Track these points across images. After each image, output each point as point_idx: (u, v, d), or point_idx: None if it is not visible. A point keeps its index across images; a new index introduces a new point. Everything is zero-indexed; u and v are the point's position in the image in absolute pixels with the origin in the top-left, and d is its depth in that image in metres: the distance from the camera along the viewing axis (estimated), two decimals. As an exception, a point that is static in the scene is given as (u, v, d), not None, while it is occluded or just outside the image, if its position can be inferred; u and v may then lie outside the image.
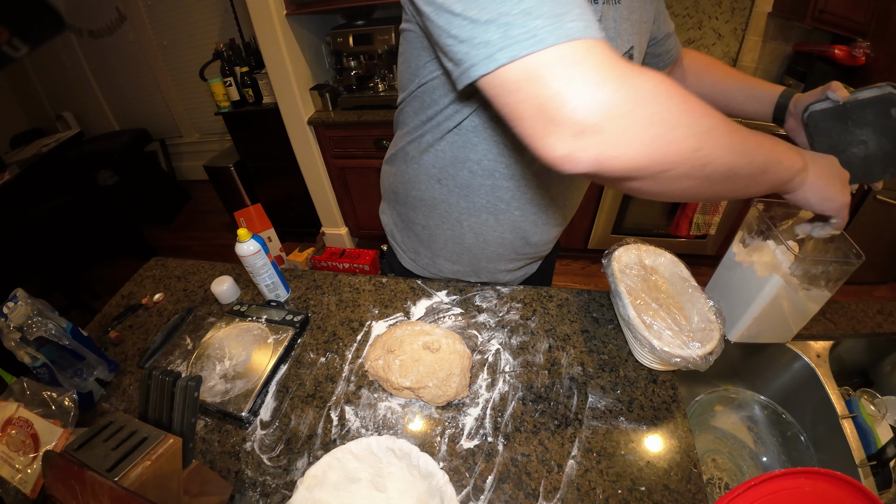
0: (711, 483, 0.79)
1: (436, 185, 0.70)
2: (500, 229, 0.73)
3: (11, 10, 0.35)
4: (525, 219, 0.72)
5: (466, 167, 0.66)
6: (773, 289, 0.66)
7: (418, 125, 0.66)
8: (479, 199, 0.69)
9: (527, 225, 0.73)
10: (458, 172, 0.67)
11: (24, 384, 0.63)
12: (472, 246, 0.77)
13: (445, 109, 0.61)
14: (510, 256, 0.80)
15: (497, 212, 0.70)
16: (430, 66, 0.57)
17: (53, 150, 2.24)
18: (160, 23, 2.85)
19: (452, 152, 0.65)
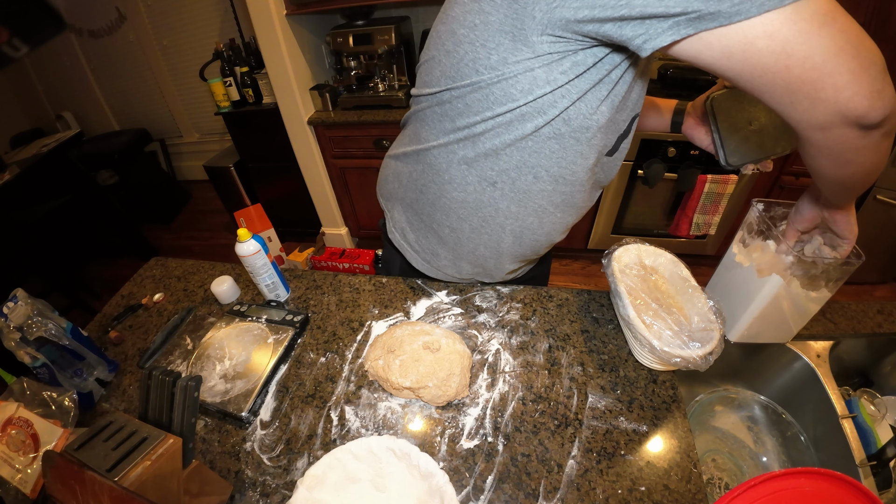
0: (711, 483, 0.79)
1: (488, 189, 0.65)
2: (540, 231, 0.71)
3: (11, 9, 0.35)
4: (562, 220, 0.71)
5: (532, 172, 0.62)
6: (773, 289, 0.66)
7: (473, 124, 0.59)
8: (532, 203, 0.66)
9: (558, 226, 0.72)
10: (521, 177, 0.62)
11: (24, 384, 0.63)
12: (506, 249, 0.74)
13: (524, 108, 0.55)
14: (531, 257, 0.80)
15: (544, 214, 0.68)
16: (521, 63, 0.51)
17: (53, 150, 2.24)
18: (160, 23, 2.85)
19: (520, 157, 0.60)
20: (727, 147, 0.65)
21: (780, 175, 1.97)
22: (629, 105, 0.59)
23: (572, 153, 0.60)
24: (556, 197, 0.65)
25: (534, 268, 0.92)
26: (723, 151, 0.66)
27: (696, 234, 2.11)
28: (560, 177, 0.62)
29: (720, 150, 0.66)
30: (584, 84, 0.52)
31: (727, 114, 0.66)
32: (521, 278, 0.91)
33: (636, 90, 0.58)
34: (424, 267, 0.84)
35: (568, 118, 0.55)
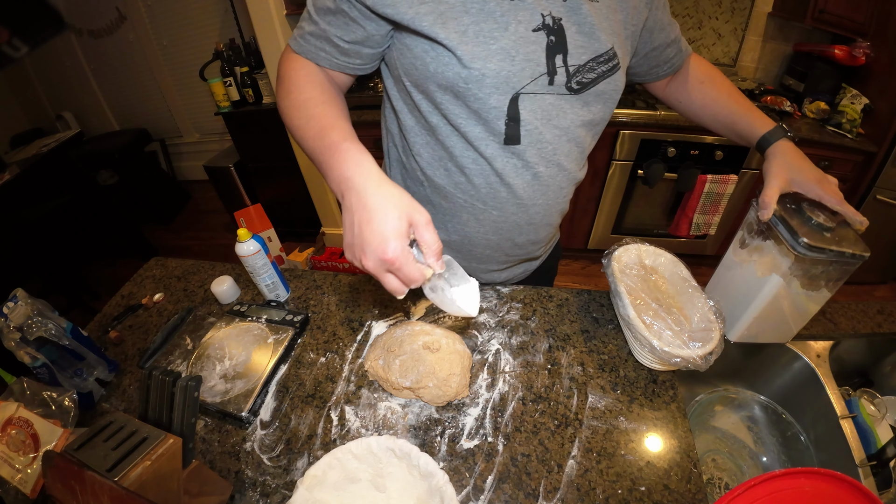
0: (711, 483, 0.79)
1: (417, 188, 0.73)
2: (483, 230, 0.72)
3: (11, 10, 0.35)
4: (505, 219, 0.71)
5: (442, 165, 0.67)
6: (772, 289, 0.66)
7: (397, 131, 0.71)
8: (458, 199, 0.69)
9: (508, 226, 0.72)
10: (436, 172, 0.68)
11: (24, 384, 0.63)
12: (459, 247, 0.77)
13: (414, 106, 0.64)
14: (500, 258, 0.80)
15: (475, 211, 0.70)
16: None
17: (53, 150, 2.24)
18: (160, 23, 2.85)
19: (429, 153, 0.67)
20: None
21: (780, 175, 1.97)
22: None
23: (459, 139, 0.64)
24: (475, 191, 0.68)
25: (535, 268, 0.91)
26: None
27: (696, 234, 2.11)
28: (464, 167, 0.66)
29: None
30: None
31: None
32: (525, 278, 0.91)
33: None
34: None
35: (444, 107, 0.62)
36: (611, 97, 0.65)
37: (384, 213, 0.44)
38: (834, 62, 1.93)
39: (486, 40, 0.54)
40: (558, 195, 0.71)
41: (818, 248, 0.59)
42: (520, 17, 0.55)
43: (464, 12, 0.53)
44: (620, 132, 1.88)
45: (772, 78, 2.27)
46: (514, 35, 0.54)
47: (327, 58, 0.61)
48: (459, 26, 0.53)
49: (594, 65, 0.60)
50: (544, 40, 0.56)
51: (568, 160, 0.67)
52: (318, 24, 0.59)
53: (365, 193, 0.46)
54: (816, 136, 1.84)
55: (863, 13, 1.80)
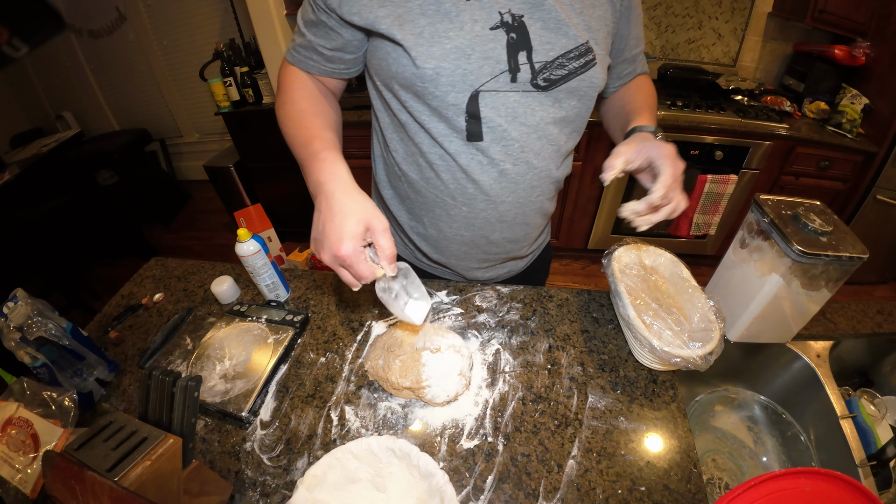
0: (711, 483, 0.79)
1: (397, 183, 0.75)
2: (455, 225, 0.73)
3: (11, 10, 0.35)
4: (475, 216, 0.71)
5: (414, 161, 0.69)
6: (772, 288, 0.67)
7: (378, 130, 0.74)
8: (430, 194, 0.70)
9: (479, 222, 0.72)
10: (410, 167, 0.70)
11: (24, 384, 0.63)
12: (436, 243, 0.78)
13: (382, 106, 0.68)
14: (479, 256, 0.79)
15: (446, 206, 0.71)
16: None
17: (53, 150, 2.24)
18: (160, 23, 2.85)
19: (403, 148, 0.69)
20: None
21: (780, 175, 1.97)
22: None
23: (426, 136, 0.67)
24: (444, 186, 0.70)
25: (521, 267, 0.90)
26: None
27: (696, 234, 2.11)
28: (433, 163, 0.68)
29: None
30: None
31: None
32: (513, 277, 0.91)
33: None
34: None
35: (410, 105, 0.66)
36: (587, 94, 0.64)
37: (344, 216, 0.51)
38: (834, 62, 1.93)
39: (441, 40, 0.55)
40: (530, 193, 0.70)
41: (813, 254, 0.59)
42: (476, 16, 0.55)
43: (420, 14, 0.55)
44: (620, 132, 1.88)
45: (772, 78, 2.27)
46: (469, 34, 0.55)
47: (316, 66, 0.68)
48: (416, 28, 0.55)
49: (564, 61, 0.59)
50: (504, 38, 0.56)
51: (539, 158, 0.66)
52: (305, 36, 0.65)
53: (333, 197, 0.52)
54: (816, 136, 1.84)
55: (863, 13, 1.80)
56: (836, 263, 0.61)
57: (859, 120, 1.85)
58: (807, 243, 0.60)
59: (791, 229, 0.63)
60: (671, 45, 2.24)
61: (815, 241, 0.61)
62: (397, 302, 0.59)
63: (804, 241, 0.61)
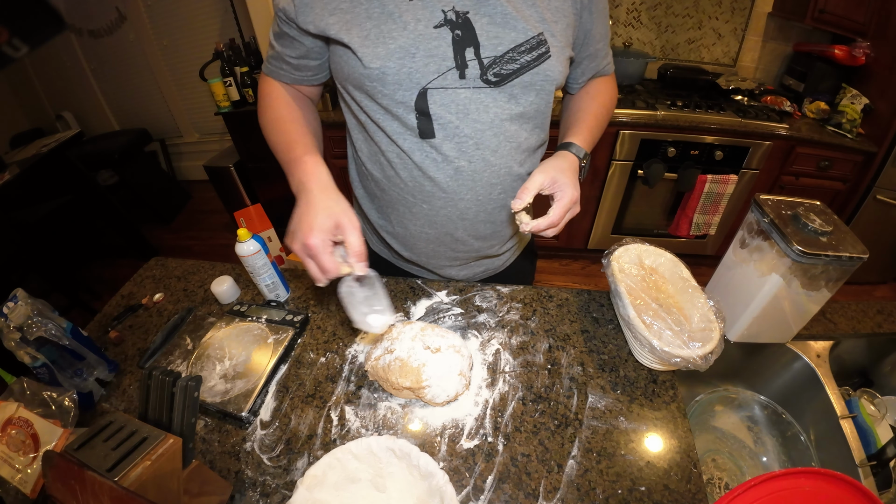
0: (711, 483, 0.79)
1: (365, 182, 0.78)
2: (419, 223, 0.73)
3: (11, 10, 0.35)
4: (436, 213, 0.71)
5: (376, 159, 0.71)
6: (772, 288, 0.67)
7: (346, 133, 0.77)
8: (392, 192, 0.72)
9: (440, 219, 0.72)
10: (373, 166, 0.72)
11: (24, 384, 0.63)
12: (404, 240, 0.79)
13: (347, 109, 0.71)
14: (447, 254, 0.79)
15: (408, 204, 0.72)
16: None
17: (53, 150, 2.24)
18: (160, 23, 2.85)
19: (367, 148, 0.72)
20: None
21: (780, 175, 1.97)
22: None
23: (383, 134, 0.69)
24: (403, 184, 0.71)
25: (500, 266, 0.90)
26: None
27: (696, 234, 2.11)
28: (391, 161, 0.70)
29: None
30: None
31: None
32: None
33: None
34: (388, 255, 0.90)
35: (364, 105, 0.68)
36: (543, 88, 0.63)
37: (317, 210, 0.55)
38: (834, 62, 1.93)
39: (386, 40, 0.57)
40: (490, 191, 0.70)
41: (813, 254, 0.60)
42: (419, 15, 0.56)
43: (367, 18, 0.57)
44: (620, 132, 1.88)
45: (772, 78, 2.27)
46: (412, 33, 0.56)
47: (286, 74, 0.72)
48: (363, 31, 0.57)
49: (514, 55, 0.59)
50: (449, 35, 0.56)
51: (496, 155, 0.66)
52: (274, 48, 0.69)
53: (310, 194, 0.57)
54: (816, 136, 1.84)
55: (863, 13, 1.80)
56: (836, 263, 0.61)
57: (859, 120, 1.85)
58: (807, 243, 0.60)
59: (791, 229, 0.63)
60: (671, 45, 2.24)
61: (815, 241, 0.61)
62: (358, 308, 0.60)
63: (804, 241, 0.61)
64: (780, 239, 0.63)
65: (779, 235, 0.63)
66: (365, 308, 0.60)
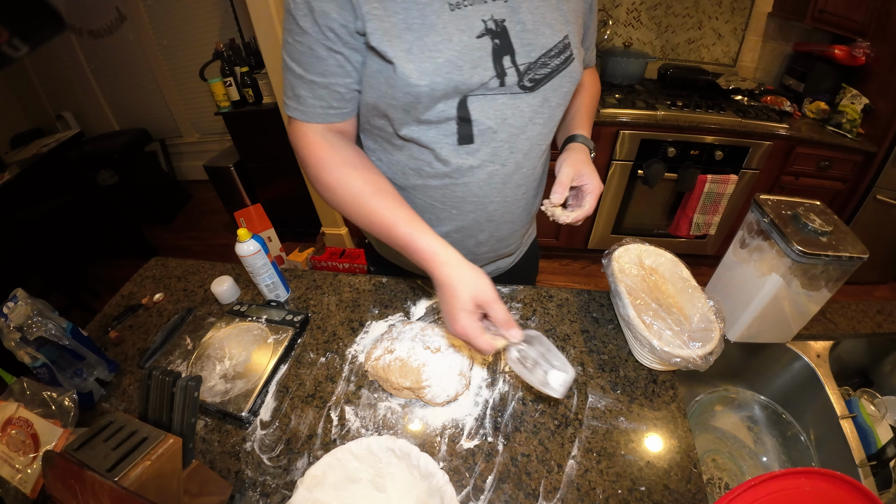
0: (711, 483, 0.79)
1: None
2: (444, 228, 0.72)
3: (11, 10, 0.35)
4: (464, 217, 0.71)
5: (400, 170, 0.68)
6: (772, 288, 0.66)
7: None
8: (418, 201, 0.70)
9: (468, 223, 0.72)
10: (395, 177, 0.69)
11: (24, 384, 0.63)
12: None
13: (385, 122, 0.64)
14: (466, 256, 0.78)
15: (436, 211, 0.71)
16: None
17: (53, 150, 2.24)
18: (160, 23, 2.85)
19: (386, 158, 0.69)
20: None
21: (780, 175, 1.97)
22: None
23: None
24: (420, 193, 0.71)
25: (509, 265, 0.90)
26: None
27: (696, 234, 2.11)
28: (420, 169, 0.68)
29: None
30: None
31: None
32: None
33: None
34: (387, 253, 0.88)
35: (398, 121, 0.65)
36: (569, 90, 0.65)
37: (454, 296, 0.54)
38: (834, 62, 1.93)
39: (432, 54, 0.53)
40: (516, 192, 0.71)
41: (813, 254, 0.60)
42: (461, 25, 0.53)
43: (406, 29, 0.52)
44: (620, 132, 1.88)
45: (772, 78, 2.27)
46: (458, 45, 0.54)
47: (336, 111, 0.61)
48: (403, 44, 0.53)
49: (546, 60, 0.60)
50: (489, 45, 0.56)
51: (526, 158, 0.67)
52: (313, 82, 0.58)
53: (441, 276, 0.55)
54: (816, 136, 1.84)
55: (862, 13, 1.80)
56: (836, 263, 0.61)
57: (859, 120, 1.85)
58: (807, 243, 0.60)
59: (791, 229, 0.63)
60: (671, 45, 2.24)
61: (815, 241, 0.61)
62: (535, 371, 0.56)
63: (804, 241, 0.61)
64: (780, 239, 0.63)
65: (779, 235, 0.63)
66: (540, 370, 0.56)
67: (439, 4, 0.52)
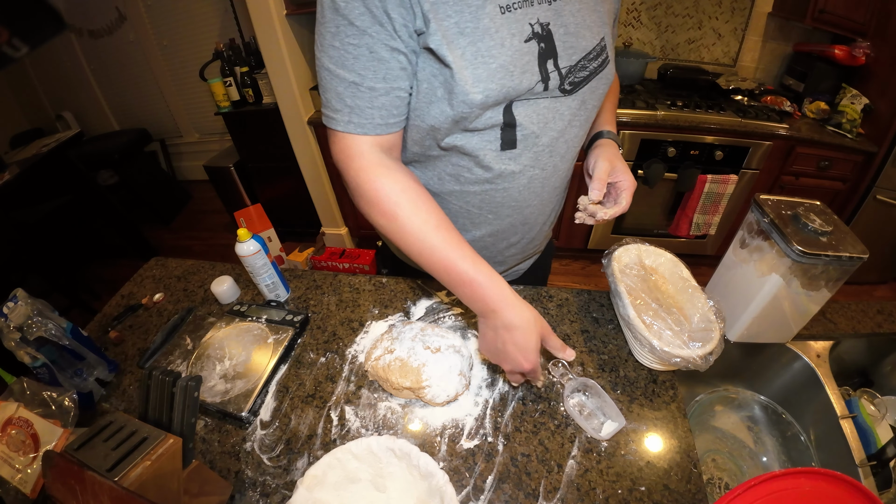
0: (711, 483, 0.79)
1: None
2: (478, 233, 0.73)
3: (11, 10, 0.35)
4: (500, 221, 0.72)
5: (436, 175, 0.67)
6: (772, 288, 0.66)
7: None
8: (452, 205, 0.69)
9: (504, 227, 0.73)
10: (430, 181, 0.68)
11: (24, 384, 0.63)
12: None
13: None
14: (495, 259, 0.80)
15: (471, 216, 0.71)
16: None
17: (53, 150, 2.24)
18: (160, 23, 2.85)
19: (421, 165, 0.68)
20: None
21: (780, 175, 1.97)
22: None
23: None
24: (459, 199, 0.71)
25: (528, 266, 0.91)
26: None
27: (696, 234, 2.11)
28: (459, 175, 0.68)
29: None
30: None
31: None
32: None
33: None
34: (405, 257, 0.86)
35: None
36: (603, 91, 0.65)
37: (527, 335, 0.56)
38: (834, 62, 1.93)
39: (486, 59, 0.51)
40: (552, 195, 0.72)
41: (813, 254, 0.60)
42: (513, 29, 0.52)
43: (459, 34, 0.50)
44: (620, 132, 1.88)
45: (772, 78, 2.27)
46: (510, 50, 0.52)
47: (397, 119, 0.57)
48: (457, 48, 0.50)
49: (585, 62, 0.60)
50: (536, 48, 0.55)
51: (563, 161, 0.68)
52: (375, 89, 0.53)
53: (506, 318, 0.56)
54: (816, 136, 1.84)
55: (863, 13, 1.80)
56: (836, 263, 0.61)
57: (859, 120, 1.85)
58: (807, 243, 0.60)
59: (791, 229, 0.63)
60: (671, 45, 2.24)
61: (815, 241, 0.61)
62: (590, 420, 0.62)
63: (804, 241, 0.61)
64: (780, 239, 0.63)
65: (779, 235, 0.63)
66: (596, 420, 0.62)
67: (492, 7, 0.50)
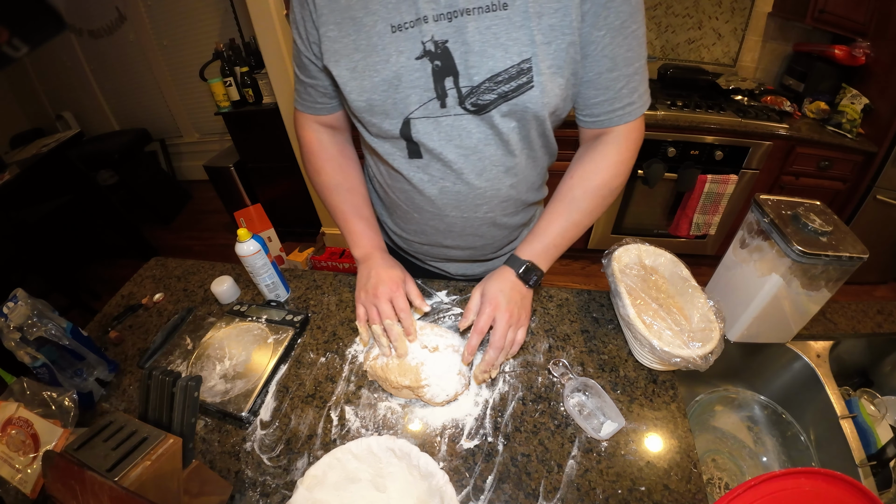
0: (711, 483, 0.79)
1: (374, 182, 0.83)
2: (412, 227, 0.79)
3: (11, 10, 0.35)
4: (425, 222, 0.75)
5: (380, 171, 0.75)
6: (772, 288, 0.67)
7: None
8: (392, 198, 0.76)
9: (430, 229, 0.76)
10: (376, 173, 0.77)
11: (24, 384, 0.63)
12: (404, 238, 0.85)
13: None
14: (439, 255, 0.84)
15: (402, 211, 0.77)
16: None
17: (53, 150, 2.24)
18: (160, 23, 2.85)
19: (369, 157, 0.78)
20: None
21: (780, 175, 1.97)
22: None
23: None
24: (397, 193, 0.77)
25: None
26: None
27: (696, 234, 2.11)
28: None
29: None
30: None
31: None
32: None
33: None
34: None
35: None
36: (524, 117, 0.59)
37: (388, 274, 0.73)
38: (834, 62, 1.93)
39: (371, 73, 0.58)
40: (475, 211, 0.69)
41: (813, 254, 0.60)
42: (401, 47, 0.56)
43: (355, 50, 0.58)
44: (620, 132, 1.88)
45: (772, 78, 2.27)
46: (395, 66, 0.56)
47: (323, 106, 0.73)
48: (350, 63, 0.59)
49: (491, 85, 0.55)
50: (429, 66, 0.56)
51: (481, 178, 0.65)
52: (303, 80, 0.71)
53: (375, 266, 0.74)
54: (816, 136, 1.84)
55: (863, 13, 1.80)
56: (836, 263, 0.61)
57: (859, 120, 1.85)
58: (807, 243, 0.60)
59: (791, 229, 0.63)
60: (671, 45, 2.24)
61: (815, 241, 0.61)
62: (590, 420, 0.62)
63: (804, 241, 0.61)
64: (780, 239, 0.63)
65: (779, 235, 0.63)
66: (596, 420, 0.62)
67: (382, 26, 0.56)
